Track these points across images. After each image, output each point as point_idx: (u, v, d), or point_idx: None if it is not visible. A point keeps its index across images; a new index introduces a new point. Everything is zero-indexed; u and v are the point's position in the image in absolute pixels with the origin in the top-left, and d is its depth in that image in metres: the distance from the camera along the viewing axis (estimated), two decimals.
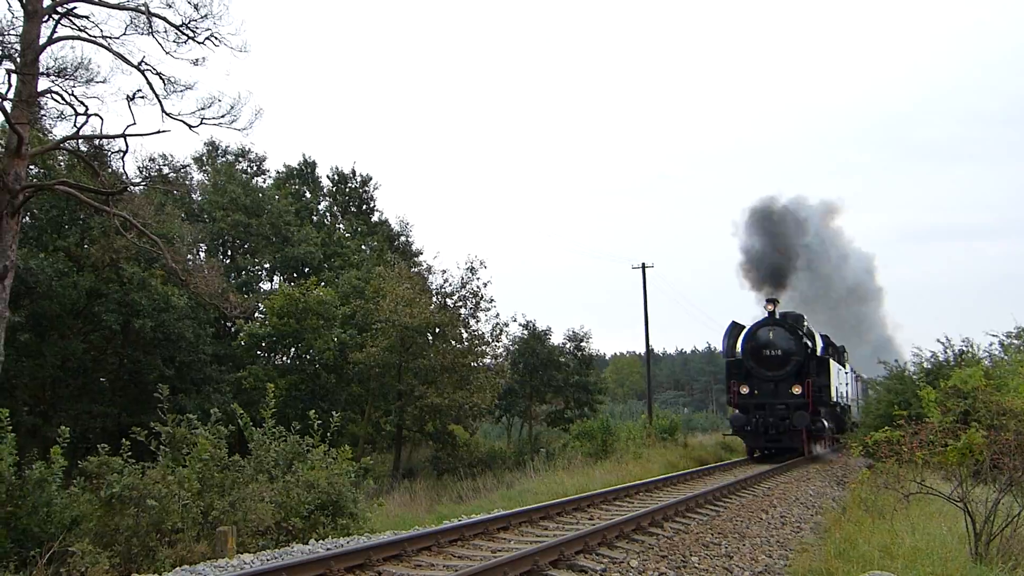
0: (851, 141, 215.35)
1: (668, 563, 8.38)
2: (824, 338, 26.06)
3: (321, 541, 10.30)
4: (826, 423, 23.40)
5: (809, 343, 23.85)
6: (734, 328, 25.26)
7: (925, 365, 21.66)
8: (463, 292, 32.30)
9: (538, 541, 9.14)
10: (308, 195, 45.59)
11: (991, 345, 21.17)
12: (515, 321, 41.47)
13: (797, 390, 22.69)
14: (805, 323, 24.67)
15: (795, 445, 22.86)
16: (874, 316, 59.72)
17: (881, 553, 8.37)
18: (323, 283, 35.34)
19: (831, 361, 24.40)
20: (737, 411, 23.64)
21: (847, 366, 30.09)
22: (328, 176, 46.82)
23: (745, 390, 23.43)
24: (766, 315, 24.01)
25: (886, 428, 10.43)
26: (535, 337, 39.26)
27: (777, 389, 23.02)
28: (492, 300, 33.23)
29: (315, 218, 44.42)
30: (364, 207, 47.19)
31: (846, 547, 8.90)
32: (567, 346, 41.37)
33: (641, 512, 10.77)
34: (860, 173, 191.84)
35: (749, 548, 9.50)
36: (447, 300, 31.98)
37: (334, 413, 14.23)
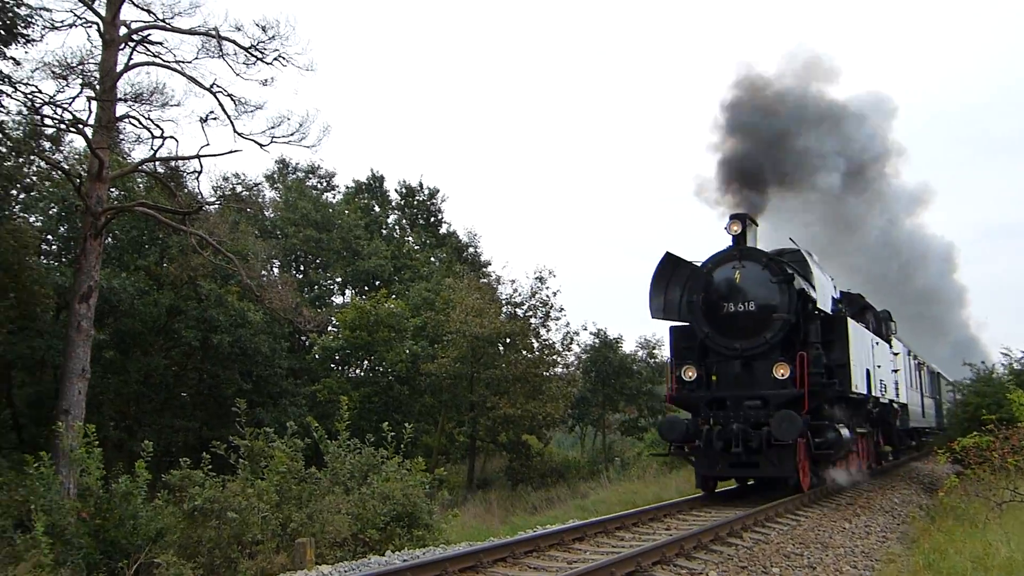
0: (931, 136, 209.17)
1: (748, 574, 8.18)
2: (847, 295, 17.27)
3: (397, 552, 10.36)
4: (843, 432, 13.59)
5: (812, 293, 13.93)
6: (671, 266, 14.82)
7: (1015, 366, 20.78)
8: (533, 302, 32.34)
9: (614, 552, 9.01)
10: (377, 209, 46.24)
11: None
12: (585, 329, 41.38)
13: (782, 372, 13.04)
14: (813, 265, 14.34)
15: (784, 473, 13.04)
16: (957, 316, 56.92)
17: (974, 564, 8.02)
18: (394, 295, 35.75)
19: (851, 323, 14.36)
20: (677, 411, 15.08)
21: (895, 343, 19.47)
22: (396, 190, 47.44)
23: (692, 374, 13.90)
24: (731, 243, 14.24)
25: (974, 433, 10.04)
26: (606, 345, 39.00)
27: (751, 371, 13.59)
28: (562, 309, 33.19)
29: (384, 231, 45.01)
30: (432, 219, 47.62)
31: (935, 558, 8.57)
32: (639, 354, 41.02)
33: (720, 522, 10.52)
34: (932, 168, 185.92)
35: (833, 559, 9.20)
36: (517, 310, 32.03)
37: (407, 424, 14.30)
